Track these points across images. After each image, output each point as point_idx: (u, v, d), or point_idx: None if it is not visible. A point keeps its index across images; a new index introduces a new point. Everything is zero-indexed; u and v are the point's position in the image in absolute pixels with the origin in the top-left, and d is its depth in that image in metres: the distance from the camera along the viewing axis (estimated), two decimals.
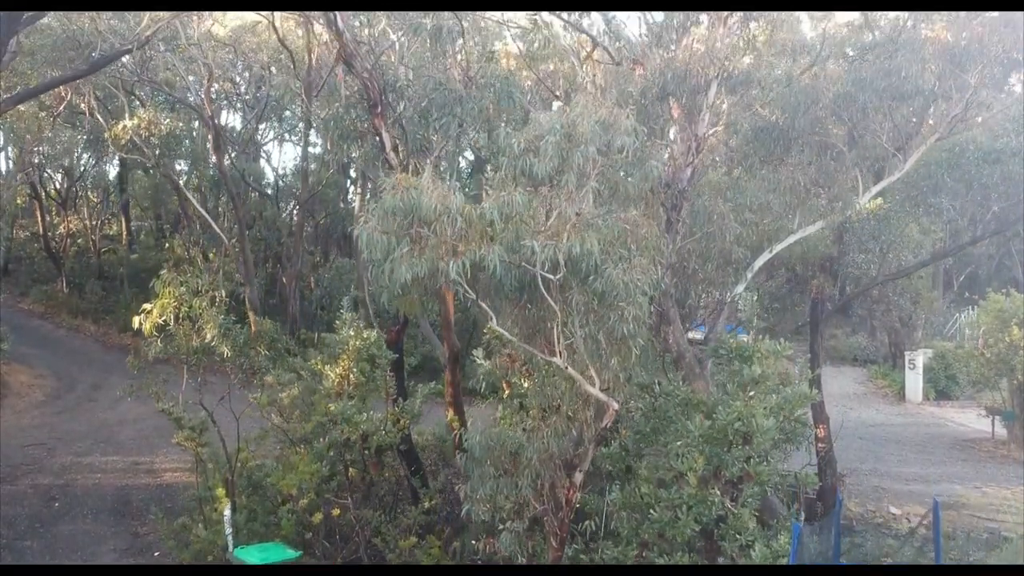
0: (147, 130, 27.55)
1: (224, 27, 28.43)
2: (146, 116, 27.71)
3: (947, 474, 20.98)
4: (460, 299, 11.50)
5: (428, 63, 14.60)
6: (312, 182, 32.20)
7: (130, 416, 22.30)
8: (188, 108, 30.67)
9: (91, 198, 40.60)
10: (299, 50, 27.10)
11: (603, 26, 15.79)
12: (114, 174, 39.81)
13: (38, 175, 35.33)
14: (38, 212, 37.17)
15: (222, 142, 29.00)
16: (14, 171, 32.12)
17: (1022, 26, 13.28)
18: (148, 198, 39.72)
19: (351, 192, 37.35)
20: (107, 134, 28.64)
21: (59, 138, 31.17)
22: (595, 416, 11.13)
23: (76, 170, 37.60)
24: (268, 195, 35.86)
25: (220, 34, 27.88)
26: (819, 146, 14.92)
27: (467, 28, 14.41)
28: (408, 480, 14.68)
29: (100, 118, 29.84)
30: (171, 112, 31.97)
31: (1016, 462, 21.99)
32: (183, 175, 35.04)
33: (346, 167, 34.12)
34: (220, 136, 28.81)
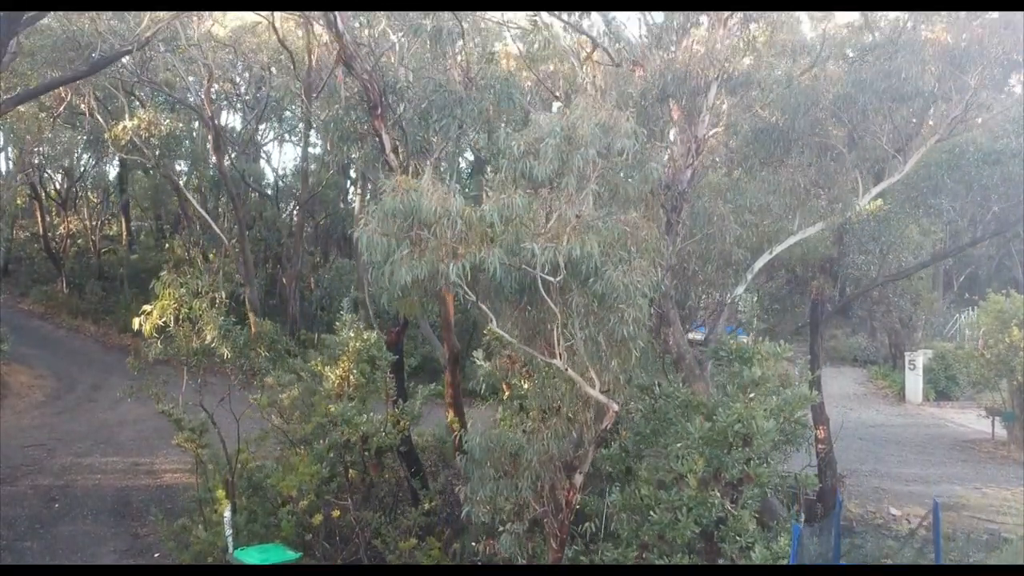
0: (147, 131, 27.58)
1: (224, 28, 28.43)
2: (146, 117, 27.73)
3: (947, 475, 20.97)
4: (460, 300, 11.50)
5: (428, 64, 14.60)
6: (312, 183, 32.20)
7: (130, 417, 22.29)
8: (188, 108, 30.67)
9: (91, 198, 40.56)
10: (299, 51, 27.12)
11: (603, 27, 15.79)
12: (114, 174, 39.80)
13: (38, 175, 35.30)
14: (38, 212, 37.14)
15: (222, 142, 29.01)
16: (14, 171, 32.11)
17: (1022, 28, 13.28)
18: (148, 198, 39.68)
19: (351, 192, 37.35)
20: (107, 135, 28.66)
21: (59, 139, 31.16)
22: (595, 418, 11.13)
23: (76, 170, 37.58)
24: (268, 195, 35.85)
25: (220, 35, 27.87)
26: (819, 147, 14.91)
27: (467, 29, 14.41)
28: (408, 481, 14.68)
29: (100, 118, 29.84)
30: (171, 112, 31.96)
31: (1016, 463, 21.98)
32: (183, 175, 35.03)
33: (346, 167, 34.11)
34: (220, 136, 28.82)
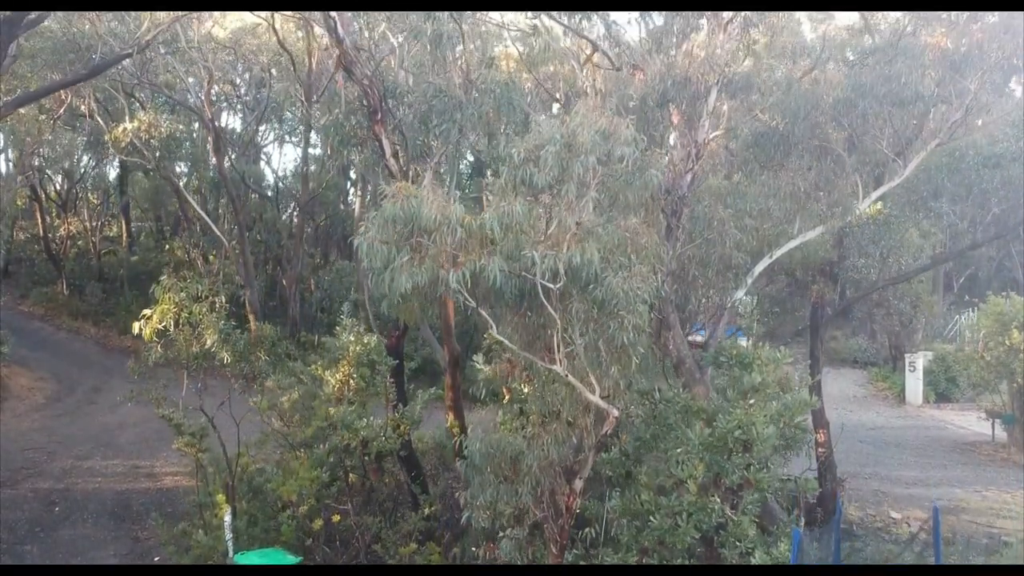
0: (147, 132, 27.61)
1: (224, 29, 28.44)
2: (146, 118, 27.75)
3: (947, 478, 20.96)
4: (460, 305, 11.51)
5: (428, 68, 14.59)
6: (312, 184, 32.17)
7: (130, 419, 22.28)
8: (188, 110, 30.69)
9: (91, 200, 40.56)
10: (299, 53, 27.14)
11: (603, 31, 15.80)
12: (114, 176, 39.81)
13: (38, 177, 35.30)
14: (38, 214, 37.14)
15: (222, 144, 29.03)
16: (14, 173, 32.08)
17: (1022, 32, 13.28)
18: (148, 200, 39.71)
19: (351, 194, 37.36)
20: (107, 136, 28.69)
21: (59, 141, 31.14)
22: (595, 422, 11.14)
23: (76, 172, 37.59)
24: (268, 197, 35.87)
25: (220, 36, 27.88)
26: (819, 151, 14.89)
27: (467, 31, 14.39)
28: (408, 486, 14.68)
29: (100, 120, 29.89)
30: (171, 114, 32.00)
31: (1016, 466, 21.97)
32: (183, 177, 35.06)
33: (346, 169, 34.11)
34: (220, 138, 28.85)
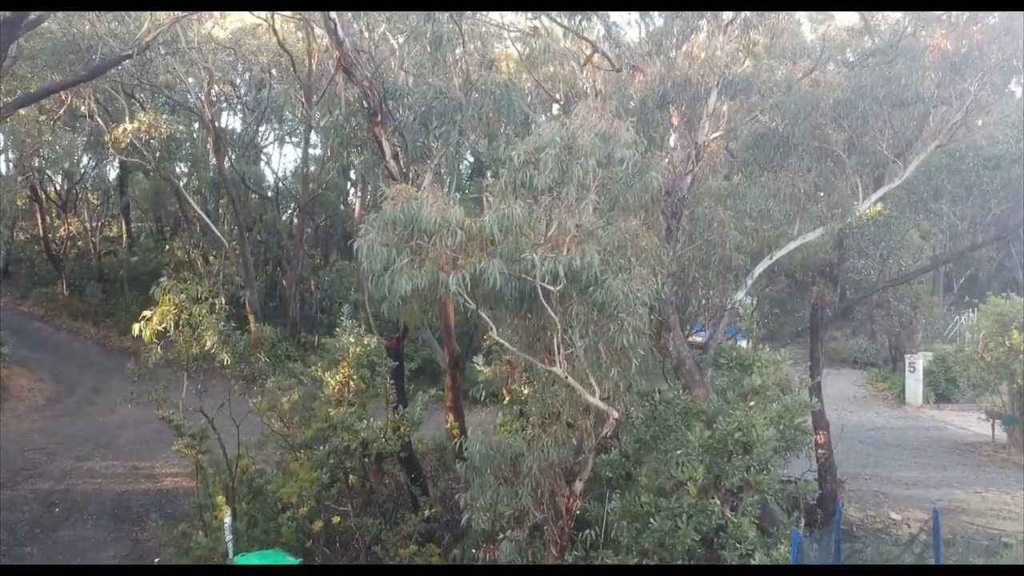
0: (147, 133, 27.62)
1: (224, 30, 28.41)
2: (146, 119, 27.77)
3: (947, 478, 20.95)
4: (460, 306, 11.51)
5: (428, 69, 14.59)
6: (312, 185, 32.16)
7: (130, 420, 22.28)
8: (188, 111, 30.68)
9: (91, 200, 40.52)
10: (299, 54, 27.11)
11: (603, 32, 15.79)
12: (114, 176, 39.76)
13: (38, 178, 35.29)
14: (38, 214, 37.14)
15: (222, 145, 29.02)
16: (14, 174, 32.07)
17: (1022, 34, 13.29)
18: (148, 200, 39.68)
19: (351, 194, 37.32)
20: (107, 137, 28.69)
21: (59, 141, 31.14)
22: (595, 424, 11.14)
23: (76, 172, 37.57)
24: (268, 198, 35.84)
25: (220, 37, 27.85)
26: (819, 152, 14.91)
27: (467, 32, 14.38)
28: (408, 487, 14.68)
29: (100, 121, 29.89)
30: (171, 115, 31.99)
31: (1016, 466, 21.96)
32: (183, 178, 35.06)
33: (346, 169, 34.10)
34: (220, 139, 28.84)
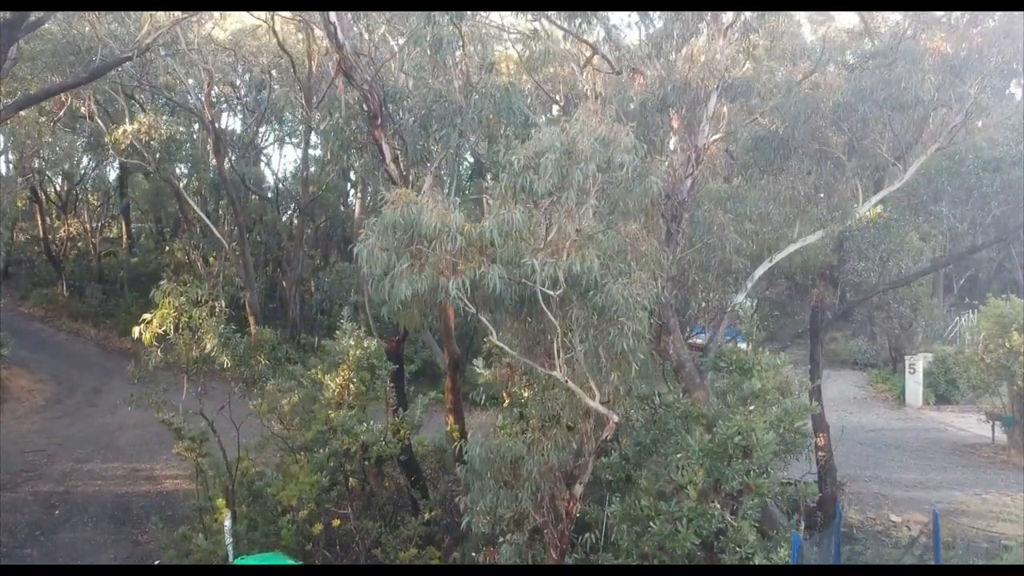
0: (147, 134, 27.64)
1: (224, 31, 28.39)
2: (146, 120, 27.78)
3: (947, 480, 20.95)
4: (460, 309, 11.51)
5: (428, 71, 14.59)
6: (312, 188, 32.13)
7: (130, 422, 22.26)
8: (188, 112, 30.66)
9: (91, 201, 40.47)
10: (299, 55, 27.10)
11: (603, 34, 15.78)
12: (114, 177, 39.73)
13: (38, 179, 35.27)
14: (38, 215, 37.10)
15: (222, 146, 29.01)
16: (14, 175, 32.06)
17: (1022, 37, 13.29)
18: (148, 202, 39.64)
19: (351, 195, 37.30)
20: (107, 138, 28.68)
21: (59, 143, 31.12)
22: (595, 427, 11.14)
23: (76, 173, 37.55)
24: (268, 199, 35.83)
25: (220, 38, 27.84)
26: (819, 155, 14.92)
27: (467, 33, 14.36)
28: (408, 490, 14.68)
29: (100, 122, 29.88)
30: (171, 116, 31.98)
31: (1016, 468, 21.96)
32: (183, 179, 35.03)
33: (346, 170, 34.08)
34: (220, 140, 28.83)
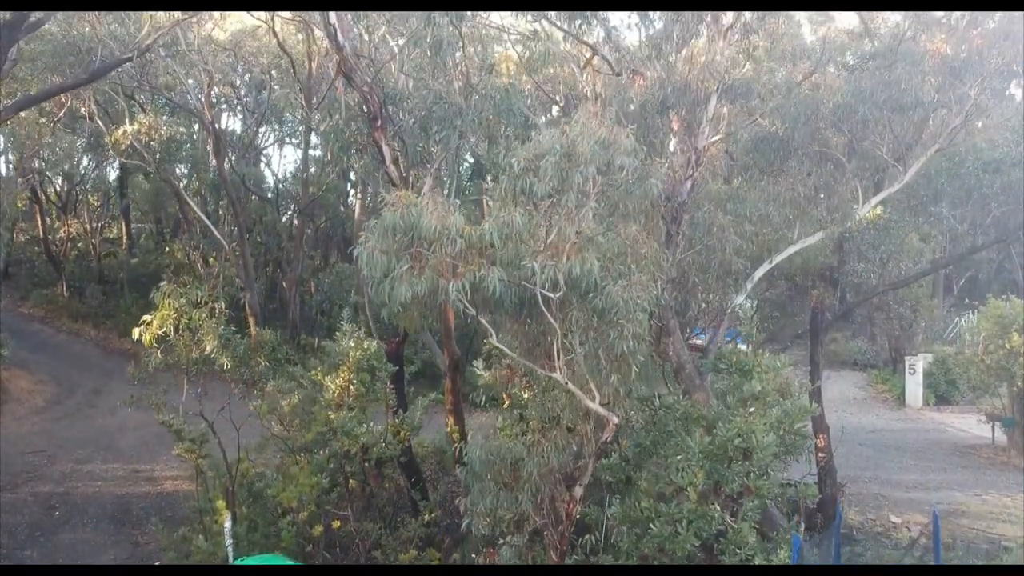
0: (147, 135, 27.64)
1: (224, 31, 28.40)
2: (146, 121, 27.78)
3: (947, 481, 20.95)
4: (460, 311, 11.52)
5: (428, 72, 14.59)
6: (312, 189, 32.12)
7: (130, 423, 22.24)
8: (188, 112, 30.66)
9: (91, 202, 40.45)
10: (299, 56, 27.11)
11: (603, 35, 15.78)
12: (114, 178, 39.71)
13: (38, 179, 35.27)
14: (38, 216, 37.09)
15: (222, 146, 29.01)
16: (14, 175, 32.06)
17: (1022, 39, 13.30)
18: (148, 202, 39.65)
19: (351, 196, 37.30)
20: (107, 139, 28.68)
21: (59, 143, 31.13)
22: (595, 429, 11.14)
23: (76, 174, 37.54)
24: (268, 199, 35.82)
25: (220, 38, 27.85)
26: (819, 156, 14.92)
27: (467, 34, 14.37)
28: (408, 492, 14.68)
29: (100, 123, 29.87)
30: (171, 116, 31.98)
31: (1016, 469, 21.97)
32: (183, 179, 35.02)
33: (346, 171, 34.08)
34: (220, 140, 28.82)
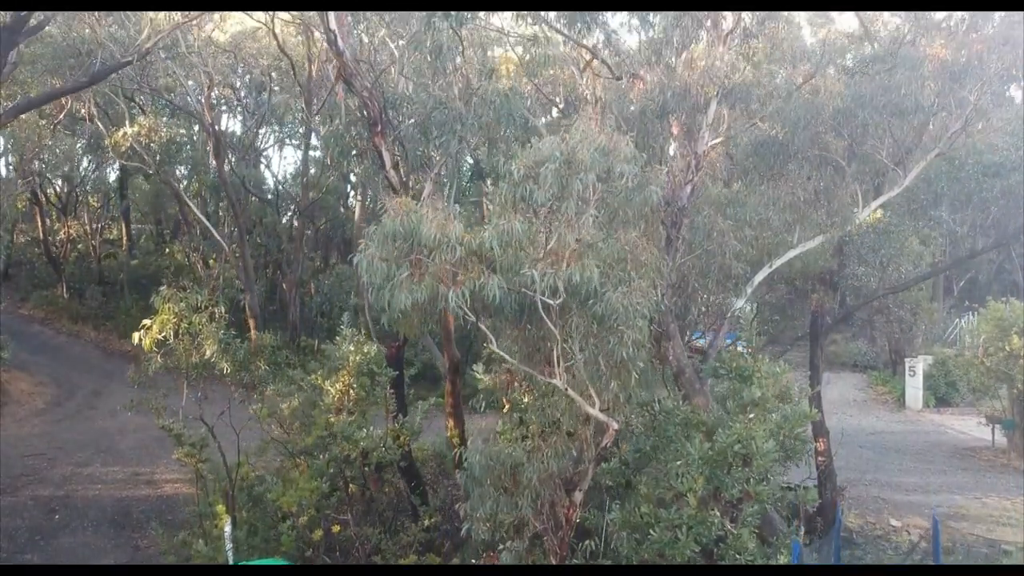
0: (147, 137, 27.64)
1: (224, 33, 28.40)
2: (146, 123, 27.77)
3: (947, 484, 20.94)
4: (460, 317, 11.52)
5: (428, 76, 14.59)
6: (312, 193, 32.10)
7: (130, 425, 22.23)
8: (188, 114, 30.65)
9: (91, 203, 40.41)
10: (299, 58, 27.10)
11: (602, 38, 15.78)
12: (114, 179, 39.67)
13: (38, 181, 35.24)
14: (38, 217, 37.05)
15: (222, 148, 29.00)
16: (15, 177, 32.05)
17: (1022, 43, 13.31)
18: (148, 204, 39.61)
19: (352, 197, 37.30)
20: (107, 141, 28.67)
21: (59, 145, 31.12)
22: (595, 434, 11.16)
23: (76, 176, 37.51)
24: (268, 201, 35.81)
25: (220, 40, 27.85)
26: (819, 160, 14.92)
27: (466, 37, 14.35)
28: (408, 496, 14.68)
29: (100, 124, 29.86)
30: (171, 118, 31.97)
31: (1016, 471, 21.98)
32: (183, 181, 35.00)
33: (346, 173, 34.08)
34: (220, 142, 28.82)
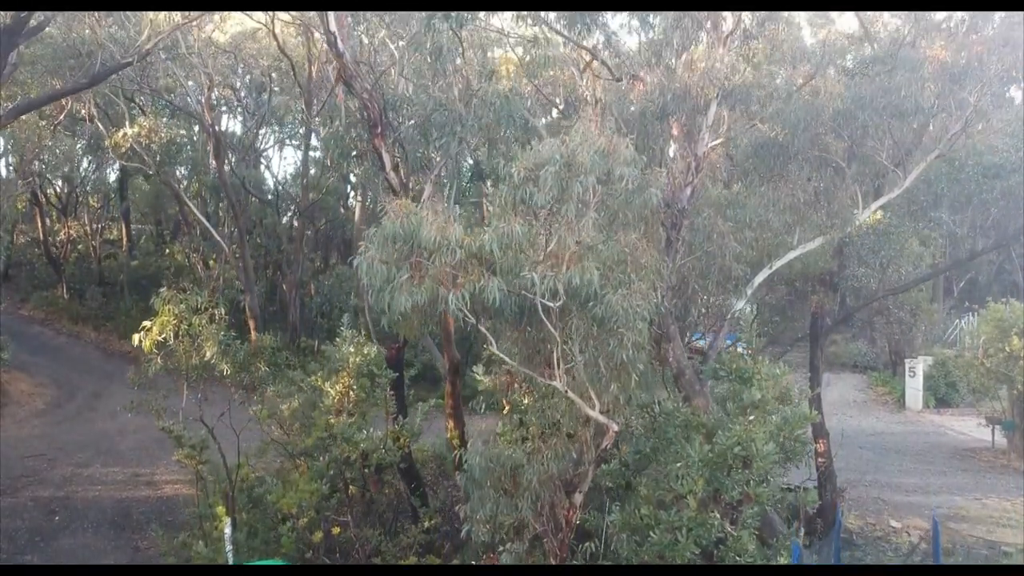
0: (147, 137, 27.63)
1: (224, 34, 28.40)
2: (146, 124, 27.76)
3: (947, 485, 20.95)
4: (460, 319, 11.52)
5: (428, 77, 14.60)
6: (312, 194, 32.09)
7: (130, 426, 22.23)
8: (188, 115, 30.66)
9: (92, 204, 40.42)
10: (300, 59, 27.12)
11: (602, 39, 15.78)
12: (114, 180, 39.67)
13: (38, 182, 35.25)
14: (38, 217, 37.07)
15: (222, 149, 29.01)
16: (15, 178, 32.05)
17: (1021, 45, 13.32)
18: (148, 204, 39.61)
19: (352, 198, 37.30)
20: (107, 142, 28.67)
21: (59, 146, 31.12)
22: (595, 435, 11.17)
23: (76, 176, 37.51)
24: (268, 201, 35.80)
25: (220, 41, 27.85)
26: (819, 162, 14.93)
27: (466, 38, 14.35)
28: (408, 498, 14.69)
29: (100, 125, 29.86)
30: (171, 119, 31.97)
31: (1016, 472, 21.99)
32: (183, 181, 34.99)
33: (346, 174, 34.08)
34: (220, 143, 28.83)
